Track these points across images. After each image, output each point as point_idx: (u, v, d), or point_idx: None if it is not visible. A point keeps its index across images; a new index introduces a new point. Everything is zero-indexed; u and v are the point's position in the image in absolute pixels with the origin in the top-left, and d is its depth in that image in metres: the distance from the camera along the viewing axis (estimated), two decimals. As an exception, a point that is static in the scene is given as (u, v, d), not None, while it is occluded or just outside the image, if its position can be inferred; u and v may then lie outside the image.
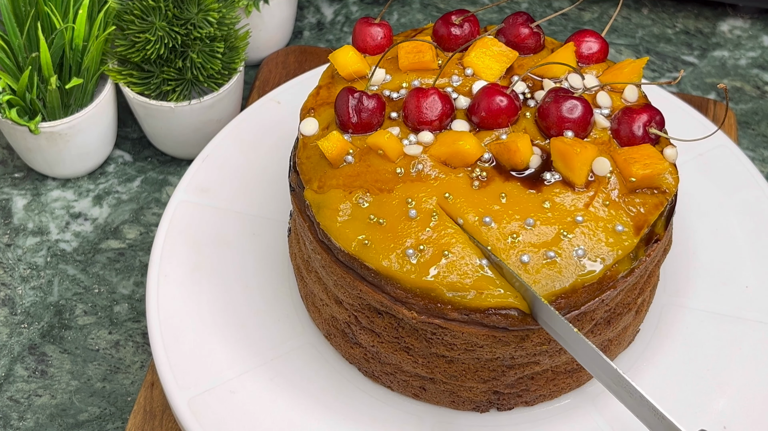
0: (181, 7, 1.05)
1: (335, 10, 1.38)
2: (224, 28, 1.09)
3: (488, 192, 0.81)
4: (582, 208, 0.80)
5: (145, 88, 1.10)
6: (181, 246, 0.99)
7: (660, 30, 1.35)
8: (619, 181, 0.82)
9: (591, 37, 0.91)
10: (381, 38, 0.91)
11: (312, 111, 0.89)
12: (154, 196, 1.17)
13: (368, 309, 0.84)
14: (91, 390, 1.01)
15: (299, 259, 0.92)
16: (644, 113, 0.84)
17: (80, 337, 1.05)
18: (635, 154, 0.82)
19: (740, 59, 1.31)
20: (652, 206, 0.82)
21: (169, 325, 0.93)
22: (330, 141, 0.83)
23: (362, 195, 0.81)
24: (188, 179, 1.04)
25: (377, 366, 0.89)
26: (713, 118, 1.18)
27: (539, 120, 0.84)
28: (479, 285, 0.78)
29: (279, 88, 1.12)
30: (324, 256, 0.84)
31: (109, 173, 1.19)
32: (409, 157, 0.82)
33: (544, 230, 0.80)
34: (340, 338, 0.91)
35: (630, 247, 0.80)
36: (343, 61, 0.89)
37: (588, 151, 0.80)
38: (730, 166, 1.05)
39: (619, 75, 0.88)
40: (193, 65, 1.08)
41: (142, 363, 1.03)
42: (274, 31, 1.27)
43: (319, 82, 0.91)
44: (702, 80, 1.29)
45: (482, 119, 0.84)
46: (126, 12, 1.06)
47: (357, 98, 0.84)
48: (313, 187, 0.84)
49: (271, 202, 1.04)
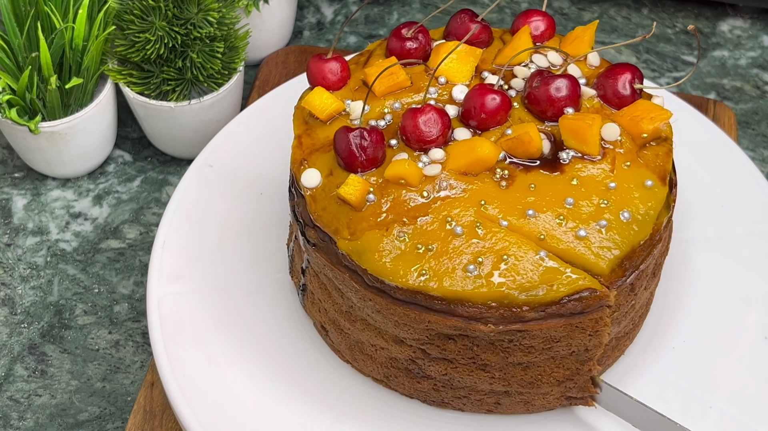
0: (181, 6, 1.05)
1: (335, 10, 1.38)
2: (224, 28, 1.09)
3: (517, 187, 0.82)
4: (610, 174, 0.83)
5: (145, 88, 1.10)
6: (182, 246, 0.99)
7: (660, 30, 1.35)
8: (628, 141, 0.84)
9: (536, 16, 0.92)
10: (340, 71, 0.89)
11: (305, 162, 0.85)
12: (154, 196, 1.16)
13: (438, 338, 0.82)
14: (91, 390, 1.01)
15: (334, 313, 0.89)
16: (625, 72, 0.87)
17: (80, 337, 1.05)
18: (637, 112, 0.85)
19: (740, 59, 1.31)
20: (664, 155, 0.85)
21: (169, 325, 0.93)
22: (351, 186, 0.80)
23: (400, 228, 0.80)
24: (188, 179, 1.04)
25: (448, 392, 0.88)
26: (713, 117, 1.18)
27: (531, 106, 0.86)
28: (546, 278, 0.78)
29: (277, 89, 1.12)
30: (378, 301, 0.81)
31: (109, 173, 1.19)
32: (429, 178, 0.81)
33: (585, 205, 0.81)
34: (403, 377, 0.88)
35: (663, 197, 0.83)
36: (320, 103, 0.86)
37: (597, 121, 0.83)
38: (731, 165, 1.06)
39: (579, 45, 0.90)
40: (193, 65, 1.08)
41: (142, 363, 1.03)
42: (274, 31, 1.27)
43: (295, 131, 0.88)
44: (702, 80, 1.29)
45: (482, 121, 0.84)
46: (126, 12, 1.06)
47: (358, 136, 0.81)
48: (345, 236, 0.81)
49: (272, 199, 1.04)
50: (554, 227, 0.80)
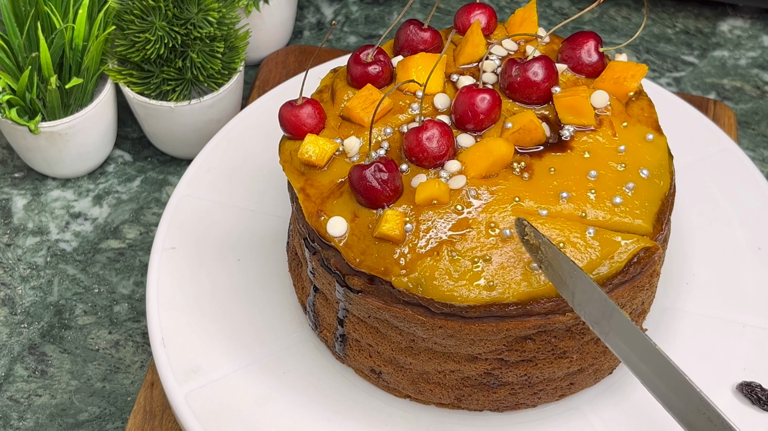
0: (181, 6, 1.05)
1: (335, 10, 1.38)
2: (224, 28, 1.09)
3: (539, 175, 0.82)
4: (614, 138, 0.85)
5: (144, 88, 1.10)
6: (181, 246, 0.99)
7: (660, 30, 1.35)
8: (616, 103, 0.87)
9: (477, 10, 0.93)
10: (317, 114, 0.86)
11: (321, 213, 0.82)
12: (154, 196, 1.16)
13: (516, 342, 0.82)
14: (91, 390, 1.01)
15: (390, 352, 0.87)
16: (588, 40, 0.89)
17: (80, 337, 1.05)
18: (617, 74, 0.87)
19: (740, 59, 1.31)
20: (647, 106, 0.89)
21: (169, 324, 0.93)
22: (391, 221, 0.78)
23: (449, 248, 0.79)
24: (188, 179, 1.04)
25: (526, 391, 0.88)
26: (713, 117, 1.17)
27: (515, 95, 0.87)
28: (606, 252, 0.79)
29: (277, 88, 1.12)
30: (450, 325, 0.80)
31: (109, 173, 1.19)
32: (455, 191, 0.81)
33: (607, 173, 0.83)
34: (478, 393, 0.87)
35: (665, 146, 0.86)
36: (318, 150, 0.83)
37: (588, 92, 0.85)
38: (732, 170, 1.06)
39: (529, 26, 0.92)
40: (193, 65, 1.08)
41: (141, 363, 1.03)
42: (274, 31, 1.27)
43: (296, 185, 0.85)
44: (702, 80, 1.29)
45: (480, 122, 0.84)
46: (126, 12, 1.06)
47: (375, 170, 0.79)
48: (398, 273, 0.79)
49: (272, 199, 1.03)
50: (590, 202, 0.81)
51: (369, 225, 0.80)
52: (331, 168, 0.84)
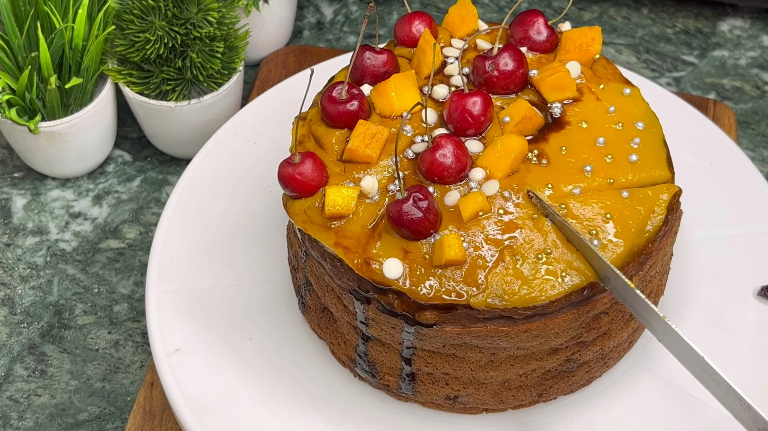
0: (180, 6, 1.05)
1: (335, 10, 1.38)
2: (224, 28, 1.09)
3: (554, 158, 0.84)
4: (600, 102, 0.87)
5: (144, 88, 1.10)
6: (181, 246, 0.99)
7: (660, 30, 1.35)
8: (584, 69, 0.89)
9: (417, 20, 0.93)
10: (317, 166, 0.83)
11: (370, 260, 0.80)
12: (153, 196, 1.16)
13: (593, 320, 0.83)
14: (91, 390, 1.01)
15: (470, 373, 0.85)
16: (535, 18, 0.91)
17: (80, 337, 1.05)
18: (578, 41, 0.90)
19: (740, 59, 1.31)
20: (608, 64, 0.92)
21: (169, 324, 0.93)
22: (454, 246, 0.77)
23: (510, 255, 0.79)
24: (187, 177, 1.04)
25: (599, 364, 0.89)
26: (713, 117, 1.17)
27: (495, 88, 0.87)
28: (648, 208, 0.82)
29: (276, 87, 1.12)
30: (534, 327, 0.80)
31: (108, 173, 1.19)
32: (492, 197, 0.81)
33: (611, 136, 0.85)
34: (560, 382, 0.88)
35: (640, 93, 0.89)
36: (344, 201, 0.81)
37: (565, 65, 0.88)
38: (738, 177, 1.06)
39: (471, 22, 0.93)
40: (193, 65, 1.08)
41: (141, 363, 1.03)
42: (273, 31, 1.27)
43: (328, 242, 0.82)
44: (702, 80, 1.29)
45: (480, 124, 0.85)
46: (125, 12, 1.06)
47: (413, 203, 0.78)
48: (473, 294, 0.78)
49: (269, 196, 1.03)
50: (610, 168, 0.83)
51: (425, 257, 0.79)
52: (357, 214, 0.82)
